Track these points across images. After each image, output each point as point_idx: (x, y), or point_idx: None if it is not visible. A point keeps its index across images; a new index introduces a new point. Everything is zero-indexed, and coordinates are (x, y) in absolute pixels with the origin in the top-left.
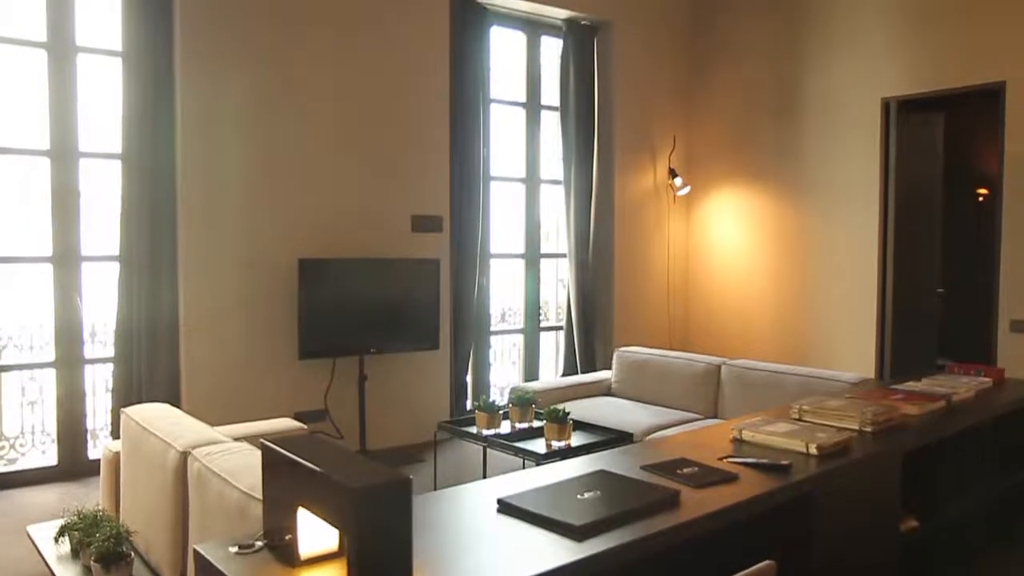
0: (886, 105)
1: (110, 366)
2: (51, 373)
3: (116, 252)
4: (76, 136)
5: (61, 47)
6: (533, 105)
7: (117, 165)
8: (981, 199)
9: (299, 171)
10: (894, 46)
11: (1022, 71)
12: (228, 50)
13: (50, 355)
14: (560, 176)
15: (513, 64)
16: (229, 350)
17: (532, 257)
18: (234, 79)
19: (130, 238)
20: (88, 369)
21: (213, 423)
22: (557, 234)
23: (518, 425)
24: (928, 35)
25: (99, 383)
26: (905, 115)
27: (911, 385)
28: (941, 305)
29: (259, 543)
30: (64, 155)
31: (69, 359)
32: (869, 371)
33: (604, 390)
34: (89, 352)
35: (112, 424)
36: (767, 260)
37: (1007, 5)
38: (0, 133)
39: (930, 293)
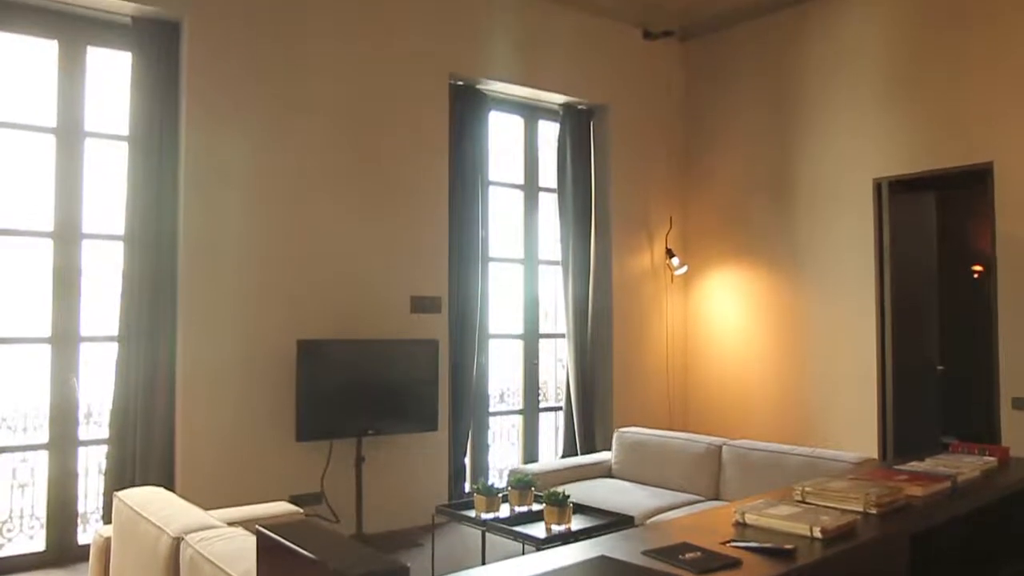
0: (878, 186)
1: (104, 448)
2: (44, 455)
3: (115, 332)
4: (80, 218)
5: (70, 132)
6: (531, 187)
7: (119, 246)
8: (976, 276)
9: (299, 252)
10: (883, 128)
11: (1008, 152)
12: (231, 135)
13: (44, 437)
14: (558, 256)
15: (511, 147)
16: (226, 431)
17: (531, 337)
18: (237, 162)
19: (129, 318)
20: (82, 451)
21: (208, 506)
22: (556, 314)
23: (517, 508)
24: (916, 118)
25: (92, 465)
26: (897, 195)
27: (915, 465)
28: (942, 382)
29: None
30: (67, 236)
31: (63, 441)
32: (871, 450)
33: (604, 471)
34: (84, 433)
35: (104, 508)
36: (766, 338)
37: (992, 89)
38: (4, 215)
39: (930, 370)
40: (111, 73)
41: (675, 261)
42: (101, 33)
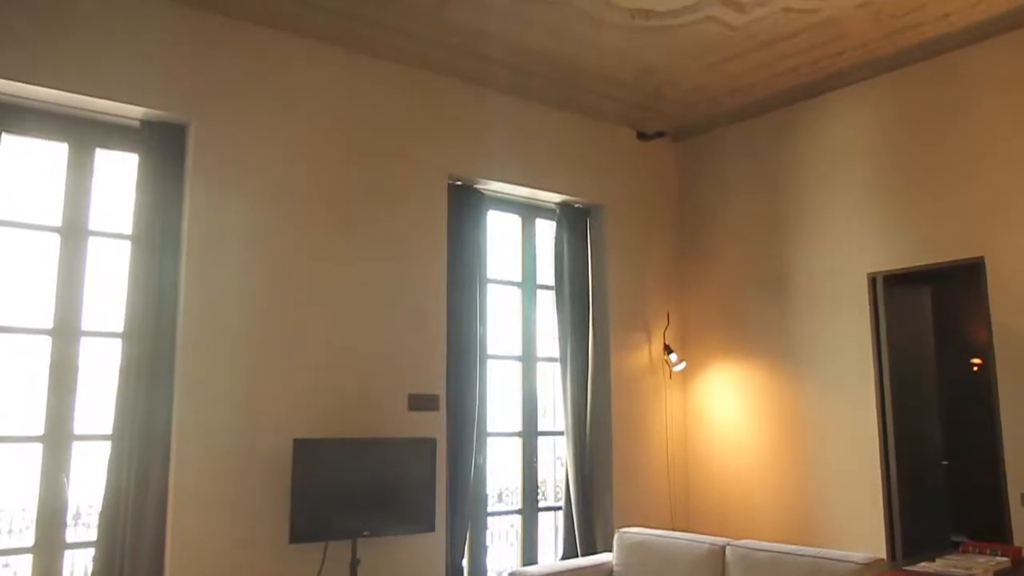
0: (872, 280)
1: (91, 551)
2: (28, 559)
3: (109, 431)
4: (80, 315)
5: (75, 231)
6: (529, 284)
7: (117, 343)
8: (976, 368)
9: (298, 350)
10: (875, 223)
11: (998, 247)
12: (232, 235)
13: (29, 539)
14: (556, 353)
15: (509, 245)
16: (217, 532)
17: (529, 435)
18: (237, 261)
19: (124, 416)
20: (68, 555)
21: None
22: (554, 412)
23: None
24: (906, 213)
25: (78, 569)
26: (892, 289)
27: (926, 567)
28: (947, 477)
29: None
30: (66, 333)
31: (50, 544)
32: (879, 548)
33: (605, 573)
34: (71, 535)
35: None
36: (766, 434)
37: (978, 185)
38: (3, 311)
39: (935, 465)
40: (117, 173)
41: (673, 357)
42: (110, 136)
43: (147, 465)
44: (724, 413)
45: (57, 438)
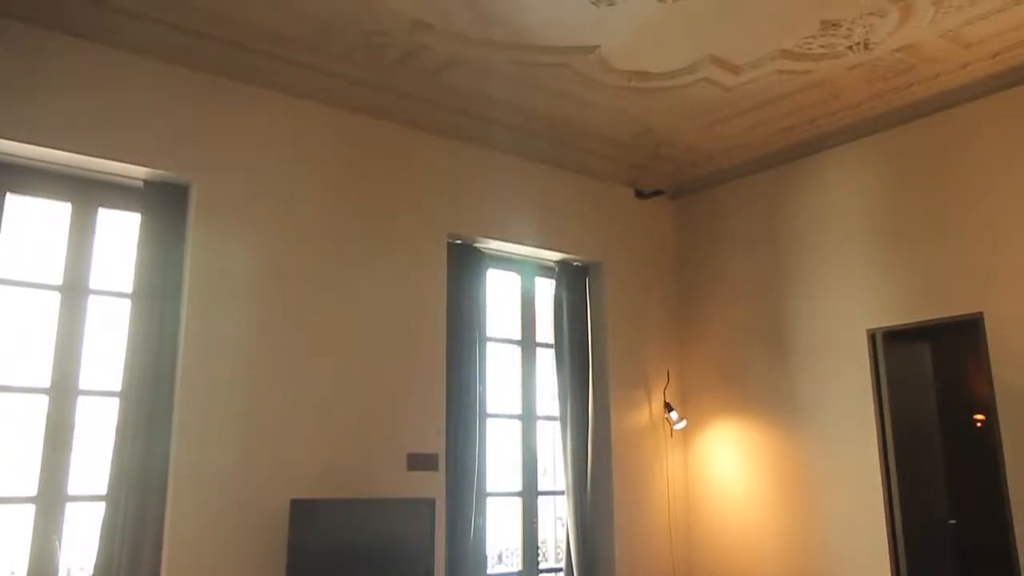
0: (872, 336)
1: None
2: None
3: (103, 491)
4: (78, 374)
5: (75, 290)
6: (528, 342)
7: (115, 402)
8: (979, 425)
9: (296, 408)
10: (873, 280)
11: (997, 302)
12: (232, 293)
13: None
14: (556, 412)
15: (508, 303)
16: None
17: (529, 495)
18: (236, 318)
19: (120, 475)
20: None
21: None
22: (555, 471)
23: None
24: (904, 269)
25: None
26: (891, 345)
27: None
28: (953, 537)
29: None
30: (63, 392)
31: None
32: None
33: None
34: None
35: None
36: (768, 492)
37: (975, 240)
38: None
39: (941, 524)
40: (119, 232)
41: (674, 415)
42: (113, 195)
43: (141, 527)
44: (726, 471)
45: (51, 499)
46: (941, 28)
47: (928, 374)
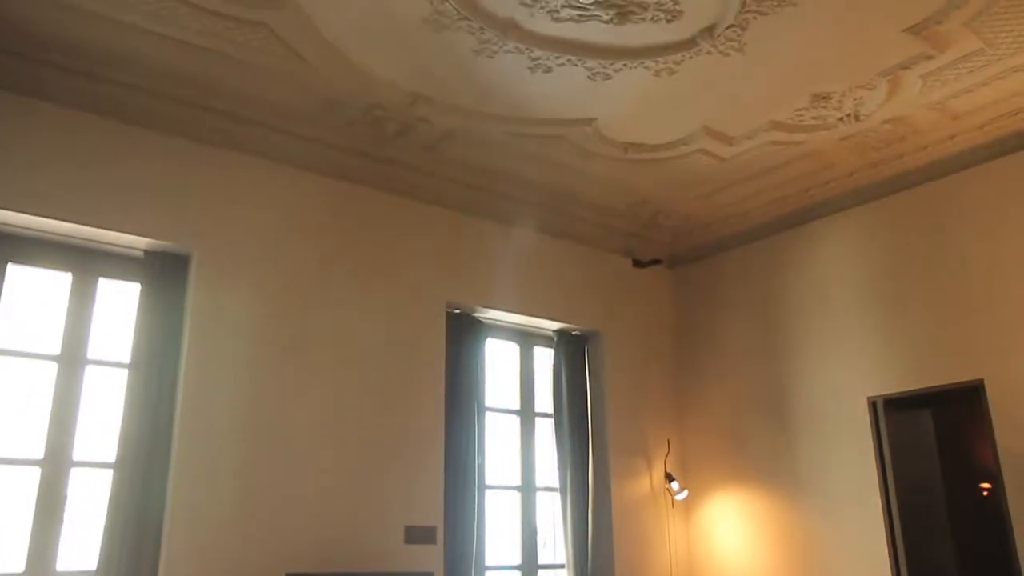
0: (872, 404)
1: None
2: None
3: (94, 566)
4: (72, 445)
5: (73, 360)
6: (527, 412)
7: (109, 474)
8: (986, 494)
9: (292, 480)
10: (872, 347)
11: (997, 368)
12: (230, 364)
13: None
14: (556, 483)
15: (507, 373)
16: None
17: (529, 568)
18: (234, 389)
19: (112, 549)
20: None
21: None
22: (555, 543)
23: None
24: (903, 337)
25: None
26: (893, 413)
27: None
28: None
29: None
30: (57, 464)
31: None
32: None
33: None
34: None
35: None
36: (773, 563)
37: (973, 307)
38: None
39: None
40: (118, 302)
41: (675, 485)
42: (113, 265)
43: None
44: (729, 542)
45: (39, 573)
46: (929, 101)
47: (931, 442)
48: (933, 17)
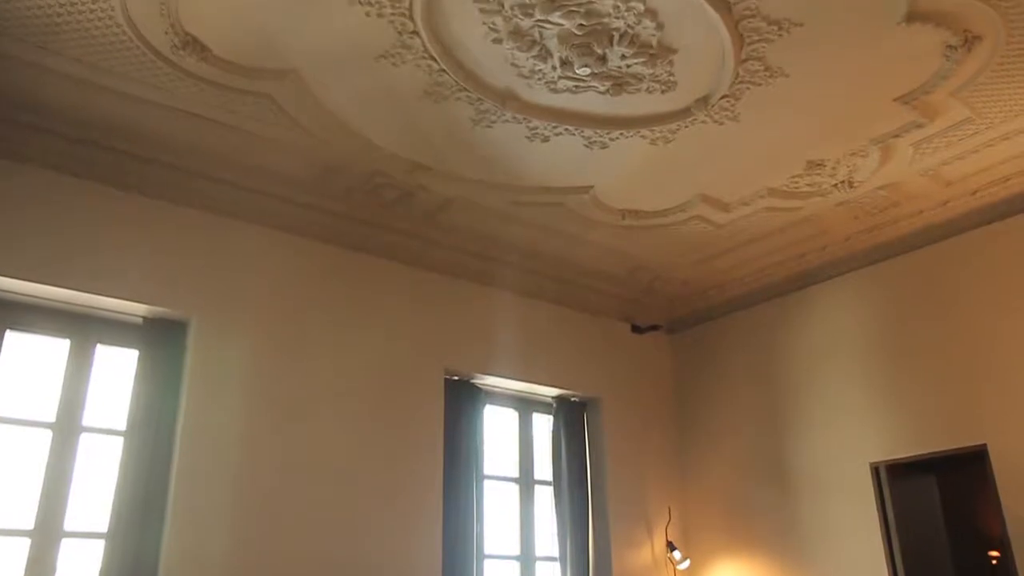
0: (875, 470)
1: None
2: None
3: None
4: (63, 514)
5: (67, 427)
6: (526, 480)
7: (100, 544)
8: (994, 563)
9: (287, 553)
10: (874, 412)
11: (1001, 433)
12: (227, 432)
13: None
14: (556, 552)
15: (506, 440)
16: None
17: None
18: (230, 458)
19: None
20: None
21: None
22: None
23: None
24: (905, 401)
25: None
26: (896, 479)
27: None
28: None
29: None
30: (47, 534)
31: None
32: None
33: None
34: None
35: None
36: None
37: (975, 371)
38: None
39: None
40: (115, 369)
41: (677, 555)
42: (111, 332)
43: None
44: None
45: None
46: (921, 167)
47: (936, 509)
48: (922, 87)
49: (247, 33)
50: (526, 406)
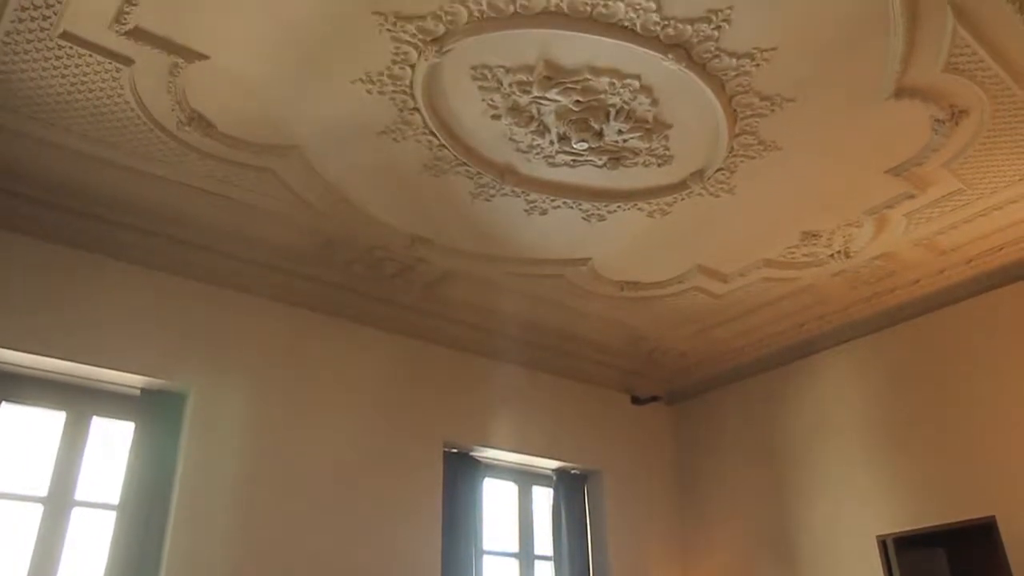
0: (882, 543)
1: None
2: None
3: None
4: None
5: (60, 502)
6: (526, 555)
7: None
8: None
9: None
10: (878, 483)
11: (1009, 504)
12: (222, 506)
13: None
14: None
15: (506, 514)
16: None
17: None
18: (225, 532)
19: None
20: None
21: None
22: None
23: None
24: (909, 473)
25: None
26: (904, 553)
27: None
28: None
29: None
30: None
31: None
32: None
33: None
34: None
35: None
36: None
37: (981, 442)
38: None
39: None
40: (110, 442)
41: None
42: (108, 404)
43: None
44: None
45: None
46: (915, 237)
47: None
48: (913, 160)
49: (251, 110)
50: (526, 479)
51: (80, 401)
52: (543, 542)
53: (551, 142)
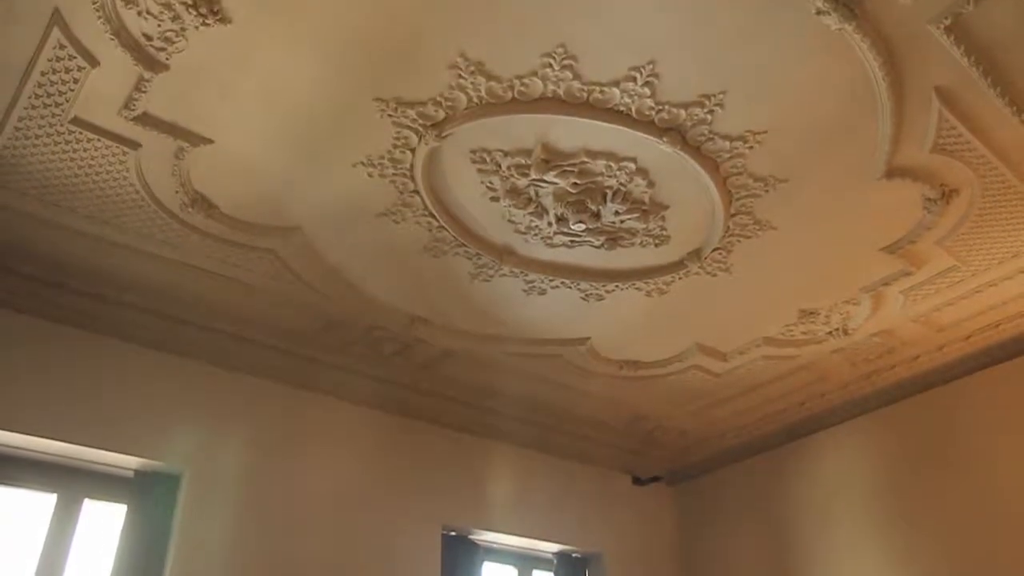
0: None
1: None
2: None
3: None
4: None
5: None
6: None
7: None
8: None
9: None
10: (887, 565)
11: None
12: None
13: None
14: None
15: None
16: None
17: None
18: None
19: None
20: None
21: None
22: None
23: None
24: (919, 552)
25: None
26: None
27: None
28: None
29: None
30: None
31: None
32: None
33: None
34: None
35: None
36: None
37: (989, 518)
38: None
39: None
40: (101, 525)
41: None
42: (100, 486)
43: None
44: None
45: None
46: (913, 314)
47: None
48: (906, 237)
49: (254, 192)
50: (526, 563)
51: (72, 483)
52: None
53: (549, 223)
